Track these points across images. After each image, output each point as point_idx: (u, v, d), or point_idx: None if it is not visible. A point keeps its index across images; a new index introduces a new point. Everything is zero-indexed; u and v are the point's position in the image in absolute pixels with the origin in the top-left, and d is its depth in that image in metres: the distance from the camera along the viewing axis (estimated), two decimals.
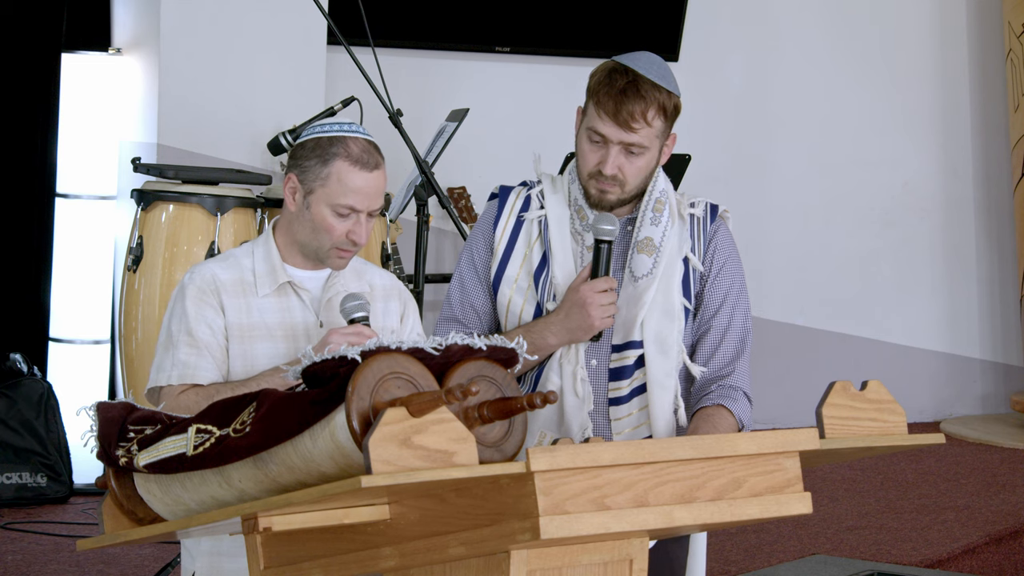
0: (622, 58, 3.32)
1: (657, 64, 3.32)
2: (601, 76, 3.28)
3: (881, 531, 5.35)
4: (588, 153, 3.30)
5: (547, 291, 3.33)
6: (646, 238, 3.35)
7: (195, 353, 3.10)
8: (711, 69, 7.08)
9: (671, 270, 3.36)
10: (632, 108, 3.24)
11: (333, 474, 2.35)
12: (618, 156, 3.27)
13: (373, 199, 3.11)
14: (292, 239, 3.18)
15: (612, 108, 3.24)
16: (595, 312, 3.24)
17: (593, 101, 3.27)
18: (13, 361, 5.44)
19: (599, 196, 3.32)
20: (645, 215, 3.37)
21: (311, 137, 3.13)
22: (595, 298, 3.24)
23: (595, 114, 3.26)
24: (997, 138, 7.65)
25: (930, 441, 2.74)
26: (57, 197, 5.95)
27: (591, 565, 2.42)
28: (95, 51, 6.04)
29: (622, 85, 3.25)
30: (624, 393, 3.33)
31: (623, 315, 3.31)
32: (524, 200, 3.41)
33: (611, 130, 3.26)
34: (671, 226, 3.38)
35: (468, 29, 6.60)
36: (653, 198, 3.38)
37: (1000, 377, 7.74)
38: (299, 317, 3.17)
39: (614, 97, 3.24)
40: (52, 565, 4.62)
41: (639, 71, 3.27)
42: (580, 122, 3.34)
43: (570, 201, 3.38)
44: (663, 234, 3.36)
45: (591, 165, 3.30)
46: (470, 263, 3.39)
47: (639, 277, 3.34)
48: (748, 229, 7.22)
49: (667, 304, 3.34)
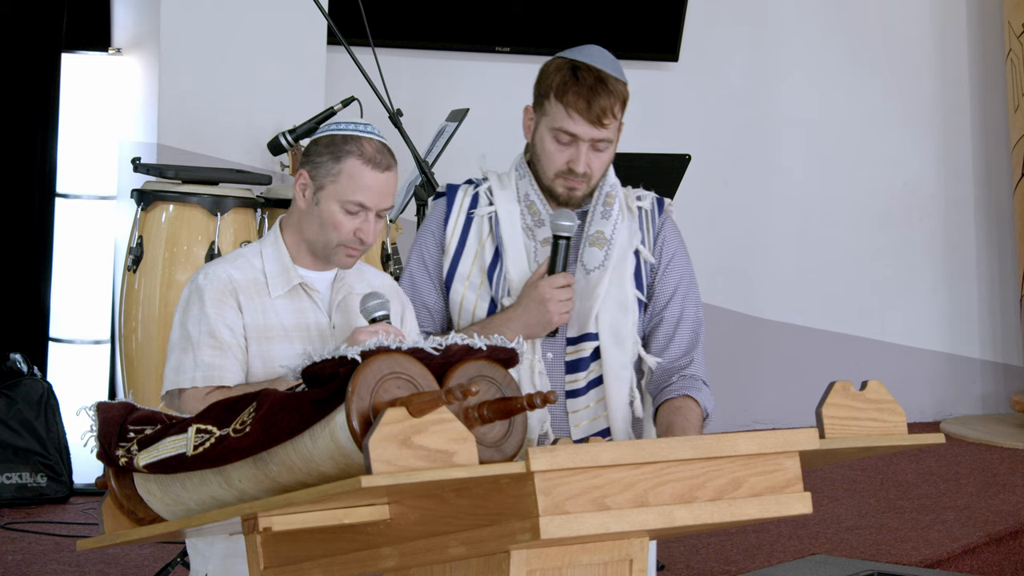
0: (573, 54, 3.35)
1: (608, 56, 3.37)
2: (564, 75, 3.30)
3: (881, 531, 5.35)
4: (556, 153, 3.32)
5: (501, 287, 3.37)
6: (597, 232, 3.39)
7: (219, 355, 3.08)
8: (711, 69, 7.08)
9: (623, 263, 3.40)
10: (603, 104, 3.28)
11: (333, 474, 2.35)
12: (588, 153, 3.31)
13: (383, 198, 3.12)
14: (300, 238, 3.18)
15: (584, 106, 3.27)
16: (554, 308, 3.28)
17: (558, 100, 3.29)
18: (13, 361, 5.44)
19: (568, 194, 3.36)
20: (596, 209, 3.41)
21: (325, 134, 3.13)
22: (554, 294, 3.28)
23: (563, 114, 3.28)
24: (997, 138, 7.65)
25: (930, 441, 2.75)
26: (57, 197, 5.95)
27: (591, 565, 2.42)
28: (95, 51, 6.04)
29: (591, 82, 3.29)
30: (581, 385, 3.37)
31: (577, 308, 3.35)
32: (472, 197, 3.44)
33: (583, 128, 3.29)
34: (621, 220, 3.42)
35: (468, 29, 6.60)
36: (604, 192, 3.42)
37: (1000, 377, 7.74)
38: (312, 318, 3.16)
39: (585, 96, 3.28)
40: (52, 565, 4.61)
41: (599, 66, 3.31)
42: (536, 122, 3.36)
43: (520, 197, 3.41)
44: (614, 227, 3.40)
45: (559, 164, 3.33)
46: (420, 262, 3.43)
47: (591, 270, 3.37)
48: (748, 229, 7.23)
49: (621, 296, 3.39)
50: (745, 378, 7.18)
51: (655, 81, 6.92)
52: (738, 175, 7.17)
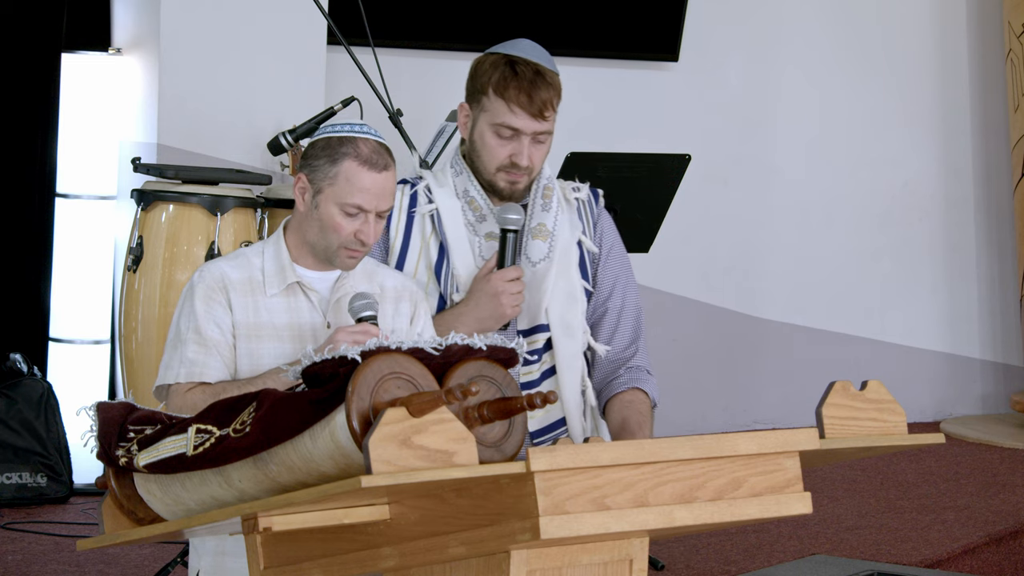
0: (506, 48, 3.42)
1: (541, 49, 3.44)
2: (502, 70, 3.37)
3: (881, 531, 5.35)
4: (497, 148, 3.37)
5: (449, 283, 3.41)
6: (539, 224, 3.44)
7: (203, 351, 3.10)
8: (711, 69, 7.08)
9: (567, 254, 3.46)
10: (544, 98, 3.35)
11: (333, 474, 2.35)
12: (530, 146, 3.36)
13: (382, 199, 3.12)
14: (302, 239, 3.19)
15: (526, 101, 3.33)
16: (507, 300, 3.33)
17: (498, 96, 3.35)
18: (13, 361, 5.43)
19: (510, 188, 3.41)
20: (536, 202, 3.46)
21: (322, 137, 3.14)
22: (506, 287, 3.32)
23: (504, 109, 3.34)
24: (997, 138, 7.65)
25: (930, 441, 2.75)
26: (57, 197, 5.95)
27: (591, 565, 2.42)
28: (95, 51, 6.04)
29: (530, 77, 3.35)
30: (535, 377, 3.42)
31: (526, 300, 3.39)
32: (411, 197, 3.48)
33: (525, 122, 3.34)
34: (561, 211, 3.48)
35: (468, 29, 6.59)
36: (542, 185, 3.48)
37: (1000, 377, 7.74)
38: (307, 318, 3.17)
39: (526, 90, 3.34)
40: (52, 565, 4.61)
41: (535, 60, 3.37)
42: (474, 118, 3.41)
43: (459, 193, 3.45)
44: (555, 219, 3.45)
45: (501, 159, 3.37)
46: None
47: (536, 262, 3.42)
48: (748, 229, 7.23)
49: (568, 287, 3.44)
50: (745, 378, 7.18)
51: (655, 81, 6.92)
52: (738, 175, 7.16)
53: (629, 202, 4.97)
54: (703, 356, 7.06)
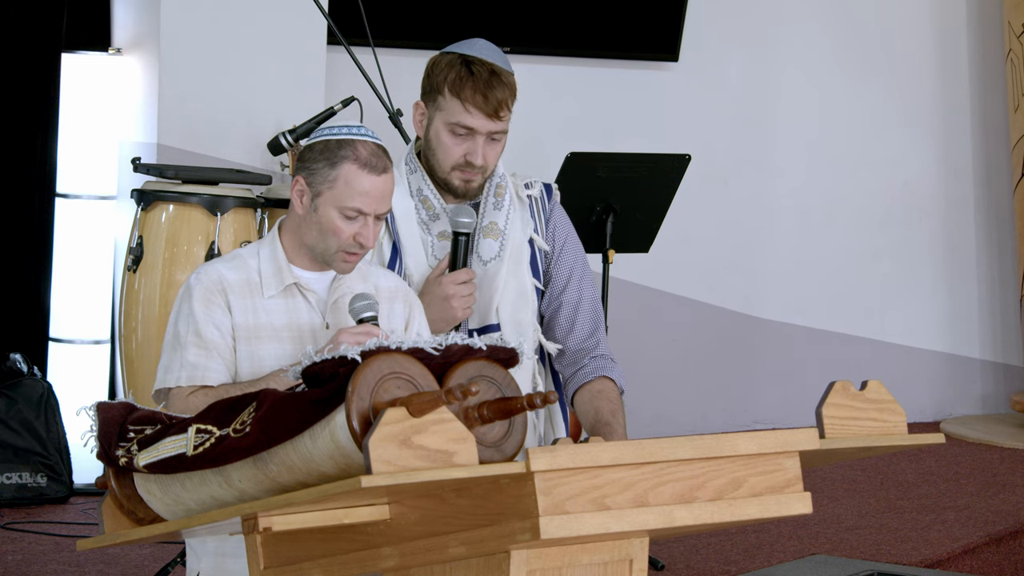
0: (462, 48, 3.43)
1: (495, 49, 3.46)
2: (458, 70, 3.37)
3: (881, 531, 5.35)
4: (452, 147, 3.39)
5: None
6: (491, 223, 3.46)
7: (204, 354, 3.09)
8: (711, 69, 7.07)
9: (518, 253, 3.48)
10: (500, 97, 3.37)
11: (333, 474, 2.35)
12: (484, 145, 3.38)
13: (381, 202, 3.11)
14: (299, 241, 3.18)
15: (481, 100, 3.35)
16: (457, 303, 3.36)
17: (454, 95, 3.36)
18: (13, 361, 5.43)
19: (465, 186, 3.43)
20: (488, 200, 3.48)
21: (319, 140, 3.12)
22: (457, 289, 3.35)
23: (459, 108, 3.35)
24: (997, 138, 7.65)
25: (930, 441, 2.75)
26: (57, 197, 5.95)
27: (591, 565, 2.42)
28: (95, 51, 6.04)
29: (486, 77, 3.37)
30: None
31: (476, 299, 3.42)
32: None
33: (480, 122, 3.37)
34: (513, 209, 3.49)
35: (468, 29, 6.58)
36: (494, 183, 3.50)
37: (1000, 377, 7.74)
38: (305, 318, 3.16)
39: (482, 90, 3.36)
40: (52, 565, 4.61)
41: (490, 60, 3.39)
42: (429, 117, 3.41)
43: (412, 192, 3.46)
44: (507, 218, 3.47)
45: (456, 157, 3.39)
46: None
47: (487, 261, 3.44)
48: (748, 229, 7.22)
49: (519, 286, 3.46)
50: (745, 378, 7.18)
51: (655, 81, 6.92)
52: (738, 175, 7.16)
53: (629, 202, 4.98)
54: (703, 356, 7.05)
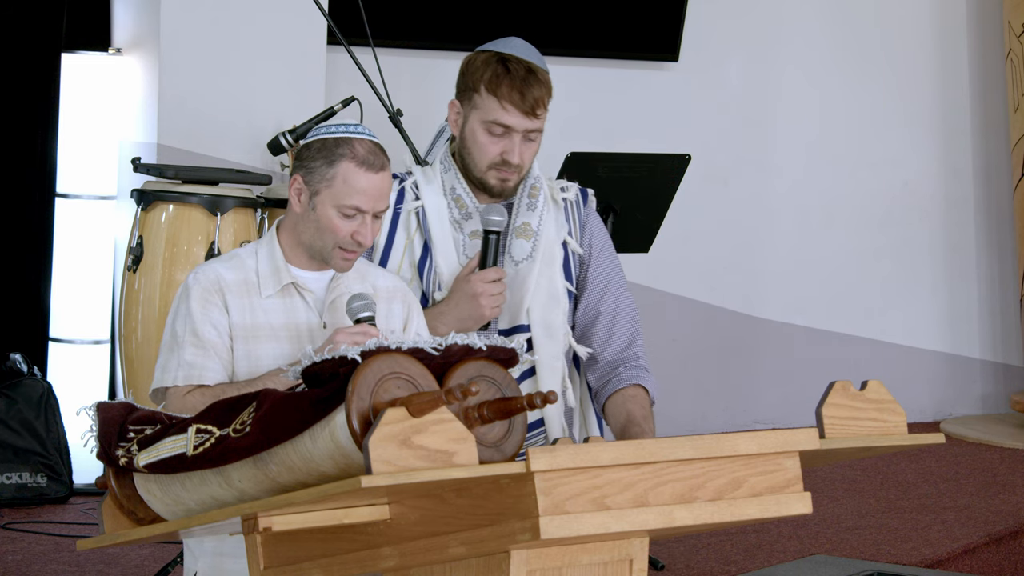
0: (498, 47, 3.41)
1: (531, 47, 3.43)
2: (495, 68, 3.36)
3: (881, 531, 5.35)
4: (489, 145, 3.37)
5: (432, 281, 3.41)
6: (524, 223, 3.44)
7: (201, 354, 3.09)
8: (711, 69, 7.07)
9: (551, 255, 3.45)
10: (536, 95, 3.35)
11: (333, 474, 2.35)
12: (521, 144, 3.36)
13: (379, 200, 3.12)
14: (297, 240, 3.18)
15: (518, 99, 3.33)
16: (486, 302, 3.33)
17: (491, 93, 3.34)
18: (13, 361, 5.43)
19: (501, 185, 3.41)
20: (522, 201, 3.46)
21: (317, 138, 3.13)
22: (486, 288, 3.32)
23: (496, 106, 3.34)
24: (997, 138, 7.65)
25: (930, 441, 2.75)
26: (57, 197, 5.95)
27: (591, 565, 2.42)
28: (95, 51, 6.04)
29: (523, 74, 3.35)
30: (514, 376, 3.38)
31: (508, 300, 3.40)
32: (398, 192, 3.48)
33: (517, 120, 3.35)
34: (547, 211, 3.47)
35: (468, 29, 6.59)
36: (529, 184, 3.48)
37: (1000, 377, 7.74)
38: (303, 318, 3.16)
39: (519, 88, 3.34)
40: (52, 565, 4.61)
41: (527, 58, 3.37)
42: (465, 116, 3.40)
43: (446, 191, 3.44)
44: (540, 219, 3.45)
45: (492, 156, 3.38)
46: None
47: (519, 261, 3.42)
48: (748, 229, 7.22)
49: (551, 288, 3.44)
50: (745, 378, 7.18)
51: (655, 81, 6.92)
52: (738, 175, 7.16)
53: (629, 202, 4.97)
54: (703, 356, 7.05)
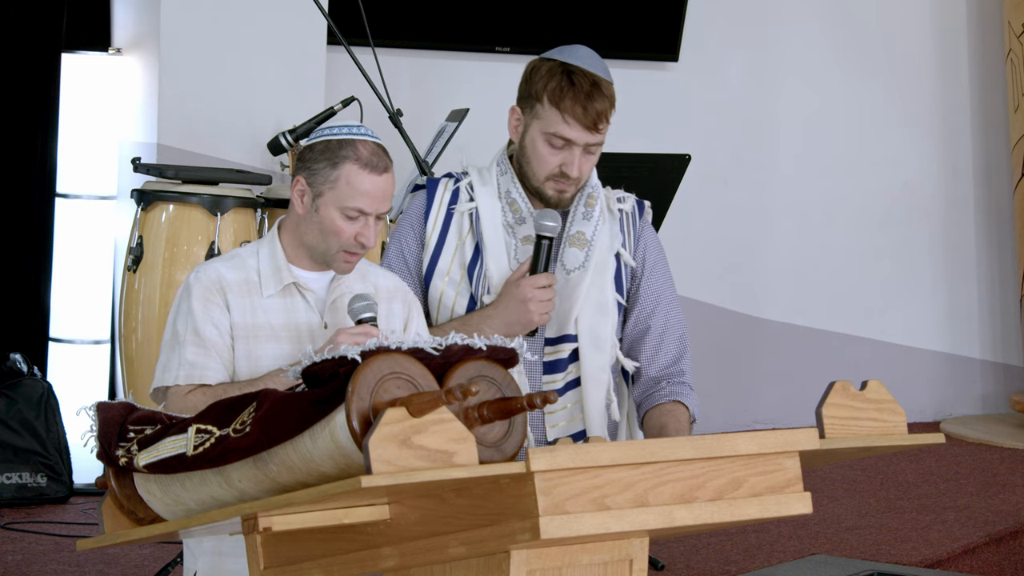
0: (563, 56, 3.35)
1: (596, 57, 3.39)
2: (560, 80, 3.31)
3: (881, 531, 5.35)
4: (549, 156, 3.32)
5: (481, 284, 3.37)
6: (578, 232, 3.39)
7: (202, 353, 3.09)
8: (711, 69, 7.08)
9: (603, 265, 3.41)
10: (599, 109, 3.31)
11: (333, 474, 2.35)
12: (581, 157, 3.32)
13: (382, 201, 3.12)
14: (299, 241, 3.18)
15: (581, 113, 3.28)
16: (535, 308, 3.28)
17: (553, 105, 3.30)
18: (13, 361, 5.43)
19: (558, 196, 3.37)
20: (577, 210, 3.41)
21: (319, 140, 3.12)
22: (535, 294, 3.28)
23: (559, 119, 3.29)
24: (997, 138, 7.65)
25: (930, 441, 2.75)
26: (57, 197, 5.95)
27: (591, 565, 2.42)
28: (95, 51, 6.04)
29: (587, 88, 3.30)
30: (558, 386, 3.36)
31: (557, 309, 3.35)
32: (453, 192, 3.43)
33: (579, 134, 3.30)
34: (602, 221, 3.43)
35: (468, 29, 6.59)
36: (586, 193, 3.43)
37: (1000, 377, 7.74)
38: (303, 318, 3.16)
39: (582, 102, 3.29)
40: (52, 565, 4.61)
41: (591, 70, 3.32)
42: (526, 124, 3.36)
43: (500, 194, 3.40)
44: (595, 229, 3.41)
45: (551, 167, 3.33)
46: (399, 255, 3.42)
47: (571, 271, 3.38)
48: (748, 229, 7.23)
49: (601, 299, 3.39)
50: (745, 378, 7.18)
51: (655, 81, 6.92)
52: (738, 175, 7.17)
53: None
54: (703, 356, 7.04)
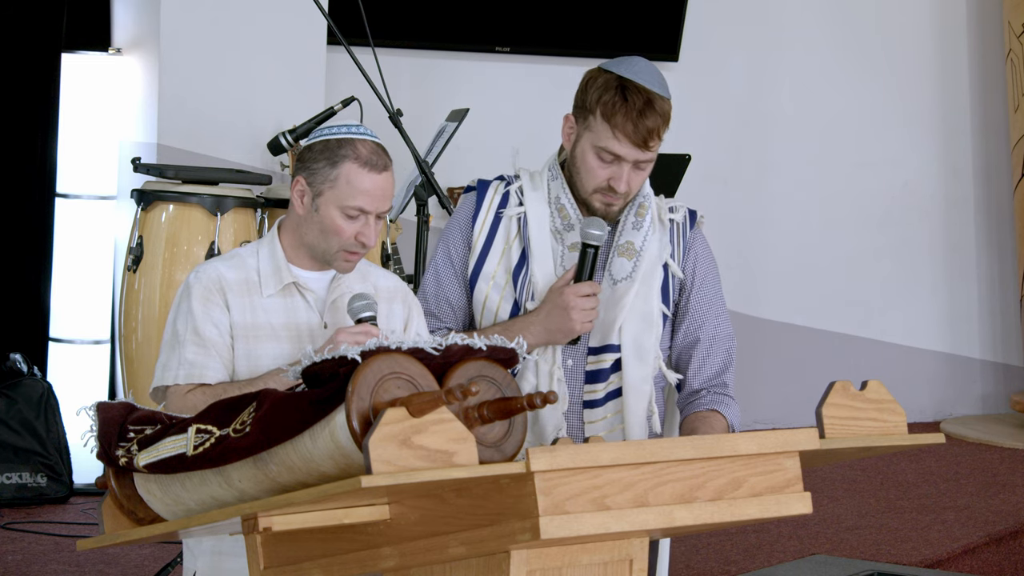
0: (620, 69, 3.28)
1: (654, 71, 3.31)
2: (613, 94, 3.24)
3: (881, 531, 5.35)
4: (598, 170, 3.27)
5: (526, 290, 3.32)
6: (627, 242, 3.35)
7: (202, 352, 3.09)
8: (711, 69, 7.08)
9: (651, 276, 3.35)
10: (651, 127, 3.24)
11: (333, 474, 2.35)
12: (630, 172, 3.27)
13: (382, 200, 3.11)
14: (299, 241, 3.18)
15: (631, 130, 3.22)
16: (577, 316, 3.24)
17: (604, 120, 3.23)
18: (13, 361, 5.44)
19: (605, 209, 3.31)
20: (627, 219, 3.36)
21: (319, 139, 3.12)
22: (578, 302, 3.24)
23: (610, 135, 3.23)
24: (997, 138, 7.65)
25: (930, 441, 2.74)
26: (57, 197, 5.95)
27: (591, 565, 2.42)
28: (95, 51, 6.04)
29: (640, 106, 3.23)
30: (599, 396, 3.33)
31: (601, 318, 3.31)
32: (503, 196, 3.39)
33: (628, 150, 3.24)
34: (652, 232, 3.37)
35: (468, 29, 6.59)
36: (636, 203, 3.37)
37: (1000, 377, 7.74)
38: (304, 318, 3.16)
39: (634, 120, 3.22)
40: (52, 565, 4.62)
41: (647, 86, 3.25)
42: (578, 135, 3.30)
43: (550, 199, 3.36)
44: (644, 239, 3.36)
45: (599, 181, 3.28)
46: (446, 257, 3.39)
47: (618, 280, 3.33)
48: (748, 229, 7.23)
49: (646, 310, 3.34)
50: (745, 378, 7.15)
51: None
52: (738, 175, 7.17)
53: None
54: None
